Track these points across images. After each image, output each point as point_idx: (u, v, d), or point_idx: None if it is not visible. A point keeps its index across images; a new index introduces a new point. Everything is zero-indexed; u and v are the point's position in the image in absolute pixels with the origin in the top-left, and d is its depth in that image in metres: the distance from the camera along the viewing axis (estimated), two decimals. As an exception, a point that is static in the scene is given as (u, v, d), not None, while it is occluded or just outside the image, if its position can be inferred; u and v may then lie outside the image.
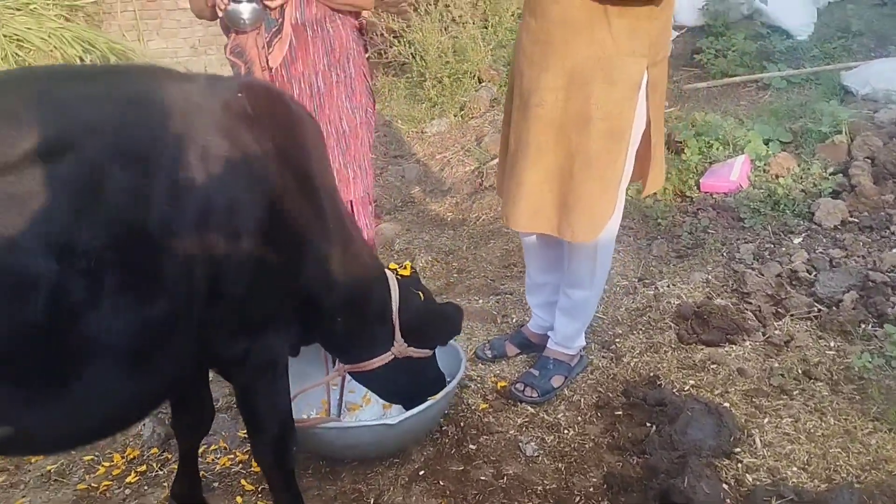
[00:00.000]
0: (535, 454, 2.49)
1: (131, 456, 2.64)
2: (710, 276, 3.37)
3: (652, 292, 3.35)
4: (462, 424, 2.66)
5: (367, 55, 3.68)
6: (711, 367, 2.80)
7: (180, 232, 1.46)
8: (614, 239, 2.71)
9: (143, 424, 2.70)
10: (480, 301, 3.50)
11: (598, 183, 2.46)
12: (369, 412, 2.74)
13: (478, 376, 2.95)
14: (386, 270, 2.35)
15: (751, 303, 3.08)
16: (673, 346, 2.96)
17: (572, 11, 2.32)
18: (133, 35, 7.65)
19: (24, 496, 2.45)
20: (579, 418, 2.66)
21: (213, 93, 1.64)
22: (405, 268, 2.44)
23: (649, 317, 3.17)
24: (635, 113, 2.43)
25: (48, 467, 2.59)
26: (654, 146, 2.57)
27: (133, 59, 6.98)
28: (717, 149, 4.36)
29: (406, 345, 2.32)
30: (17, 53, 6.60)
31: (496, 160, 2.88)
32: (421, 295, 2.39)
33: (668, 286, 3.37)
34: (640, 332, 3.09)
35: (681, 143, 4.47)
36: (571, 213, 2.49)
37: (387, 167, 5.56)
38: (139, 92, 1.51)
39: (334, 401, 2.66)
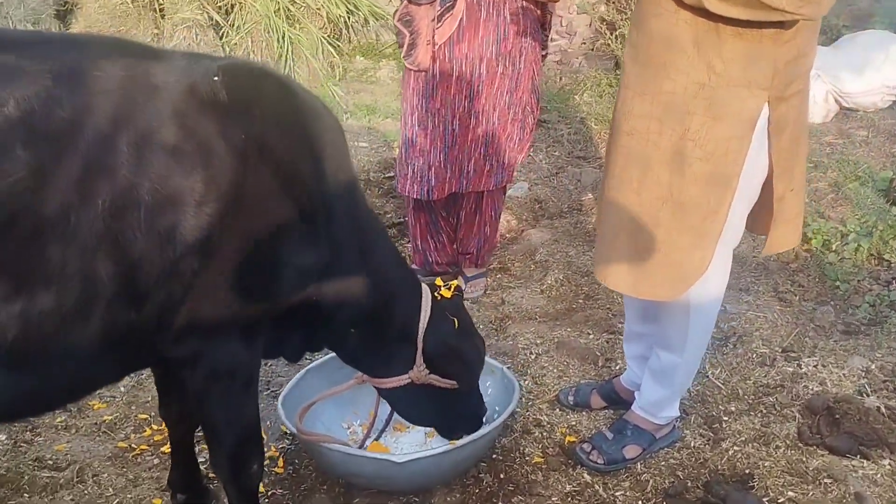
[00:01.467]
0: (565, 535, 2.13)
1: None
2: (873, 366, 2.72)
3: (792, 369, 2.77)
4: (502, 476, 2.35)
5: (543, 52, 3.41)
6: (825, 481, 2.24)
7: (82, 222, 1.32)
8: (717, 303, 2.24)
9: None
10: (591, 336, 3.11)
11: (691, 235, 2.03)
12: (412, 437, 2.52)
13: (548, 423, 2.61)
14: (424, 287, 2.11)
15: (910, 411, 2.44)
16: (789, 442, 2.42)
17: (676, 28, 1.89)
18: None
19: (68, 442, 2.53)
20: (639, 503, 2.24)
21: (181, 75, 1.48)
22: (449, 288, 2.18)
23: (776, 399, 2.62)
24: (747, 157, 1.96)
25: (105, 417, 2.66)
26: (779, 199, 2.06)
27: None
28: (944, 208, 3.55)
29: (427, 371, 2.07)
30: (288, 9, 7.01)
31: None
32: (456, 322, 2.12)
33: (816, 366, 2.77)
34: (757, 415, 2.56)
35: (898, 192, 3.71)
36: (653, 267, 2.08)
37: (565, 168, 5.20)
38: (77, 67, 1.39)
39: (384, 415, 2.46)
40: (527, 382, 2.83)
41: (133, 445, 2.52)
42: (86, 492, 2.31)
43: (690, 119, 1.94)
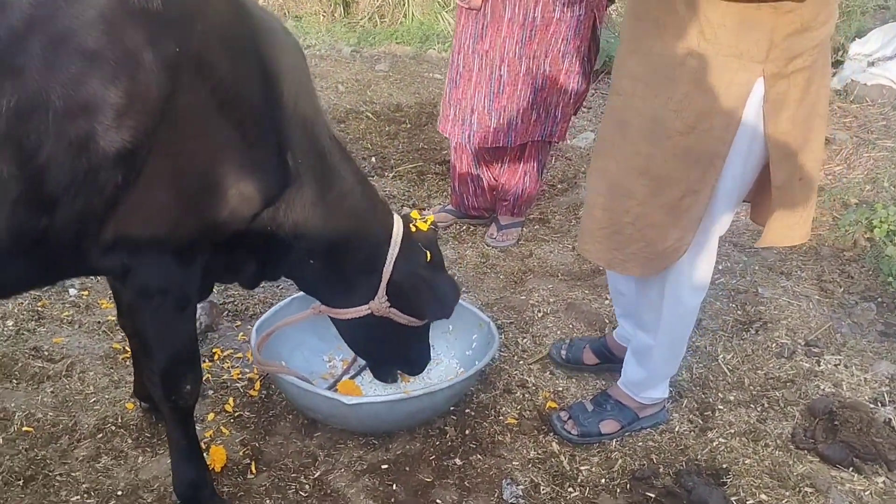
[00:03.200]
0: (513, 502, 2.06)
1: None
2: (900, 374, 2.49)
3: (808, 365, 2.57)
4: (467, 432, 2.30)
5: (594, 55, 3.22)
6: (806, 489, 2.08)
7: None
8: (697, 293, 2.08)
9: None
10: (606, 302, 2.96)
11: (667, 212, 1.87)
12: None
13: (533, 385, 2.52)
14: (396, 217, 2.04)
15: (923, 430, 2.22)
16: (780, 443, 2.25)
17: None
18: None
19: (68, 336, 2.63)
20: (601, 482, 2.14)
21: None
22: (425, 221, 2.10)
23: (782, 394, 2.44)
24: (738, 136, 1.77)
25: (109, 317, 2.74)
26: (779, 188, 1.85)
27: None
28: None
29: (388, 304, 2.02)
30: None
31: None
32: (428, 255, 2.04)
33: (837, 366, 2.56)
34: (756, 409, 2.39)
35: None
36: (626, 240, 1.94)
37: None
38: None
39: (361, 360, 2.43)
40: (525, 340, 2.74)
41: (126, 348, 2.59)
42: (68, 386, 2.40)
43: (675, 87, 1.77)
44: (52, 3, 1.36)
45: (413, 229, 2.06)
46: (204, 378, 2.30)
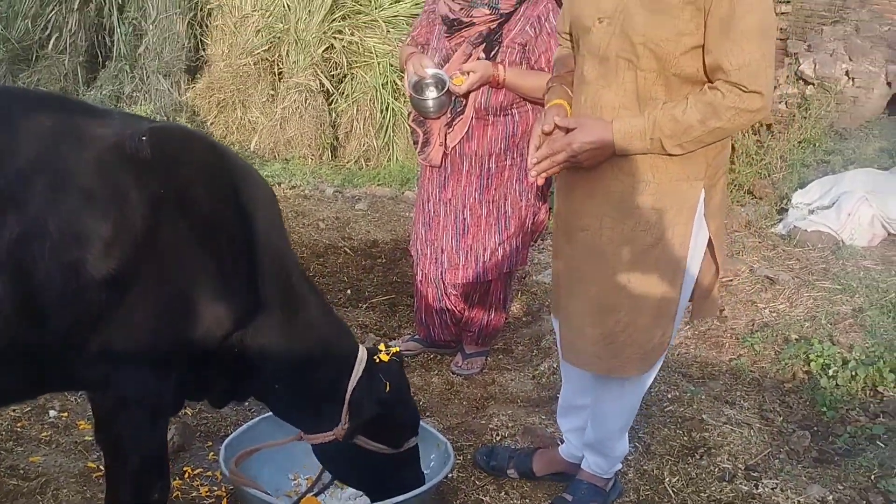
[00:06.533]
0: None
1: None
2: (830, 497, 2.65)
3: (747, 488, 2.73)
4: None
5: None
6: None
7: None
8: (654, 372, 2.40)
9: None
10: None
11: (651, 316, 2.19)
12: (351, 493, 2.60)
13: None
14: (361, 348, 2.24)
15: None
16: (718, 561, 2.38)
17: None
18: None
19: (45, 455, 2.75)
20: None
21: (111, 131, 1.72)
22: (388, 353, 2.30)
23: (720, 516, 2.59)
24: (691, 239, 2.14)
25: (87, 437, 2.87)
26: (713, 275, 2.27)
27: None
28: (958, 347, 3.41)
29: (351, 430, 2.18)
30: (395, 82, 7.47)
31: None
32: (388, 385, 2.22)
33: (775, 489, 2.72)
34: (694, 529, 2.53)
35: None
36: (619, 348, 2.22)
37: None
38: (8, 114, 1.64)
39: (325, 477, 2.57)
40: (482, 462, 2.89)
41: (100, 467, 2.71)
42: (41, 503, 2.51)
43: (639, 213, 2.10)
44: (56, 148, 1.64)
45: (377, 360, 2.25)
46: (173, 495, 2.43)
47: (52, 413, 3.03)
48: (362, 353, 2.23)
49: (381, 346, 2.33)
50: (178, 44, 7.80)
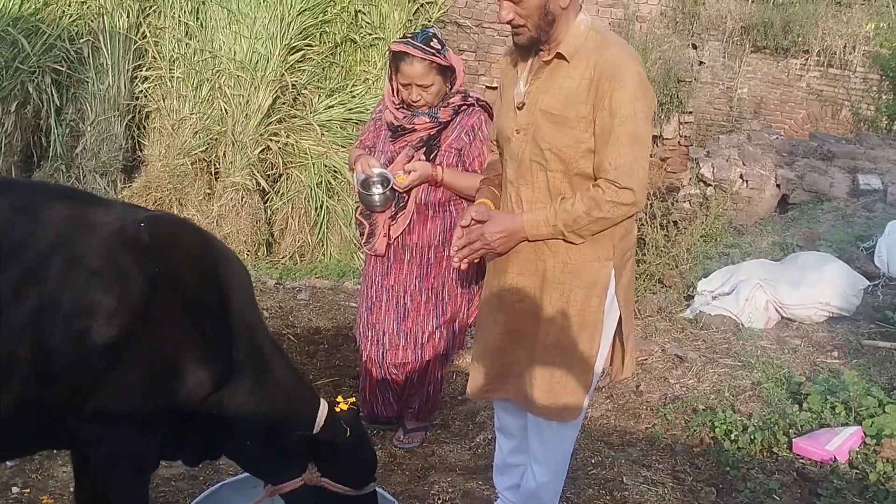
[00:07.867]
0: None
1: None
2: (732, 543, 3.01)
3: (661, 538, 3.07)
4: None
5: None
6: None
7: (12, 315, 1.82)
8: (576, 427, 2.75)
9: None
10: (492, 488, 3.44)
11: (580, 370, 2.56)
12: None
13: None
14: (322, 402, 2.53)
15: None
16: None
17: None
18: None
19: None
20: None
21: (114, 219, 2.05)
22: (346, 403, 2.60)
23: (638, 561, 2.91)
24: (605, 311, 2.54)
25: None
26: (626, 339, 2.65)
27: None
28: (840, 413, 3.89)
29: (319, 474, 2.44)
30: (329, 182, 7.78)
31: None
32: (348, 430, 2.51)
33: (685, 538, 3.07)
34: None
35: (805, 395, 4.08)
36: (565, 394, 2.57)
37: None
38: (32, 204, 1.95)
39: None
40: (427, 524, 3.16)
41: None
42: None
43: (564, 287, 2.51)
44: (70, 233, 1.95)
45: (337, 409, 2.55)
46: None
47: (14, 490, 3.17)
48: (324, 405, 2.53)
49: (339, 399, 2.63)
50: (115, 144, 7.97)
